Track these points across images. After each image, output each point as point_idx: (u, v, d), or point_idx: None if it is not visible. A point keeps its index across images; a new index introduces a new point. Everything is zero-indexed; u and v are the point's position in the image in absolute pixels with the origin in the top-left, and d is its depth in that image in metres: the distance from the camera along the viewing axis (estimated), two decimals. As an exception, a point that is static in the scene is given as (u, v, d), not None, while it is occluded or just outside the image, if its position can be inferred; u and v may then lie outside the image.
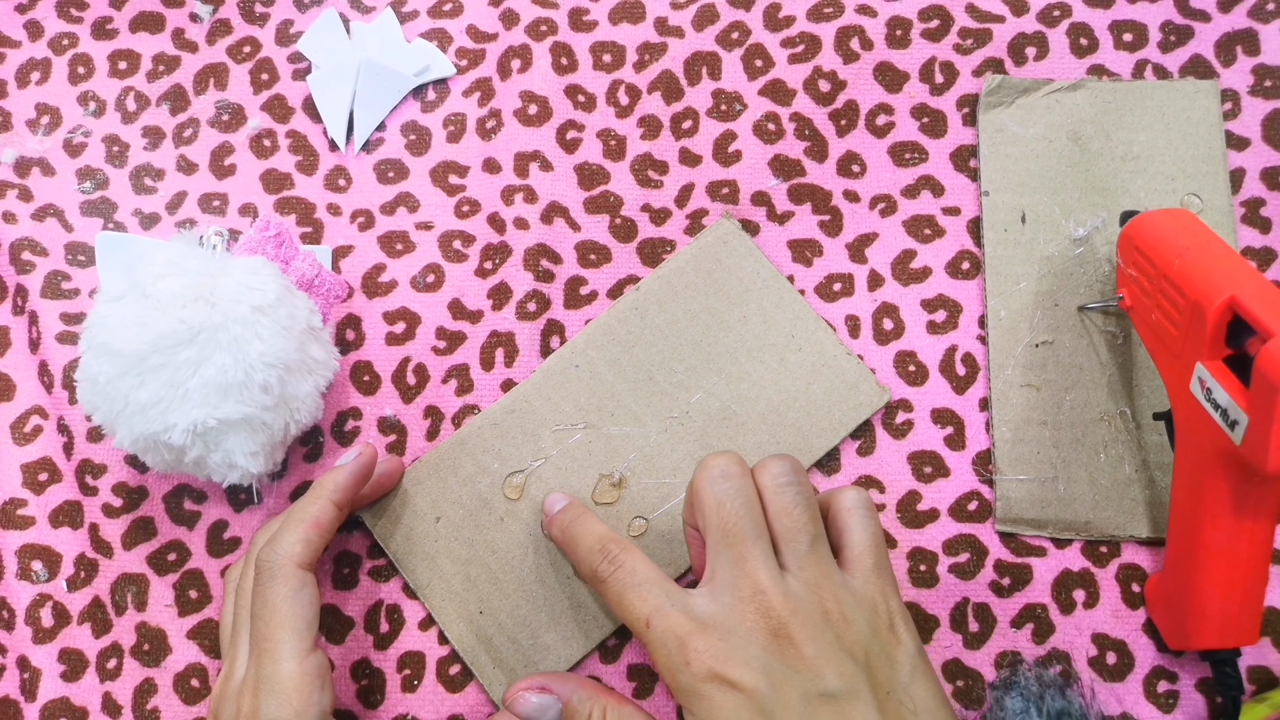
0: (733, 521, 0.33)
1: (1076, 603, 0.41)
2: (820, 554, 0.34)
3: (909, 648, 0.33)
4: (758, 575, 0.33)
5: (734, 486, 0.34)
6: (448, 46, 0.47)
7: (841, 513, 0.35)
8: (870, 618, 0.33)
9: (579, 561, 0.37)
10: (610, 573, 0.35)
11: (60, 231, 0.45)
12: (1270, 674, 0.40)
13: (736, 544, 0.33)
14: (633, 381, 0.42)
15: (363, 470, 0.38)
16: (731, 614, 0.32)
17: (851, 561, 0.34)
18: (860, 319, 0.44)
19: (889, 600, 0.34)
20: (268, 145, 0.46)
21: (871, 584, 0.34)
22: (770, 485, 0.34)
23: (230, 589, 0.39)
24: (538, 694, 0.36)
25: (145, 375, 0.35)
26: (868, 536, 0.35)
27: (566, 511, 0.39)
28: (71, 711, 0.40)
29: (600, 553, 0.36)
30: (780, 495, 0.34)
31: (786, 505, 0.34)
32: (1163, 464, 0.41)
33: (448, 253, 0.45)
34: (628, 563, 0.35)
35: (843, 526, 0.35)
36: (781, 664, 0.31)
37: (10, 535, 0.42)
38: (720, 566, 0.33)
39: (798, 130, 0.46)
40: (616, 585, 0.35)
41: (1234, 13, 0.46)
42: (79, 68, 0.47)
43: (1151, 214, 0.39)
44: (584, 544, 0.37)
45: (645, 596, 0.34)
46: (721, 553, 0.33)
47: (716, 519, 0.34)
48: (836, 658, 0.31)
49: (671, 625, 0.32)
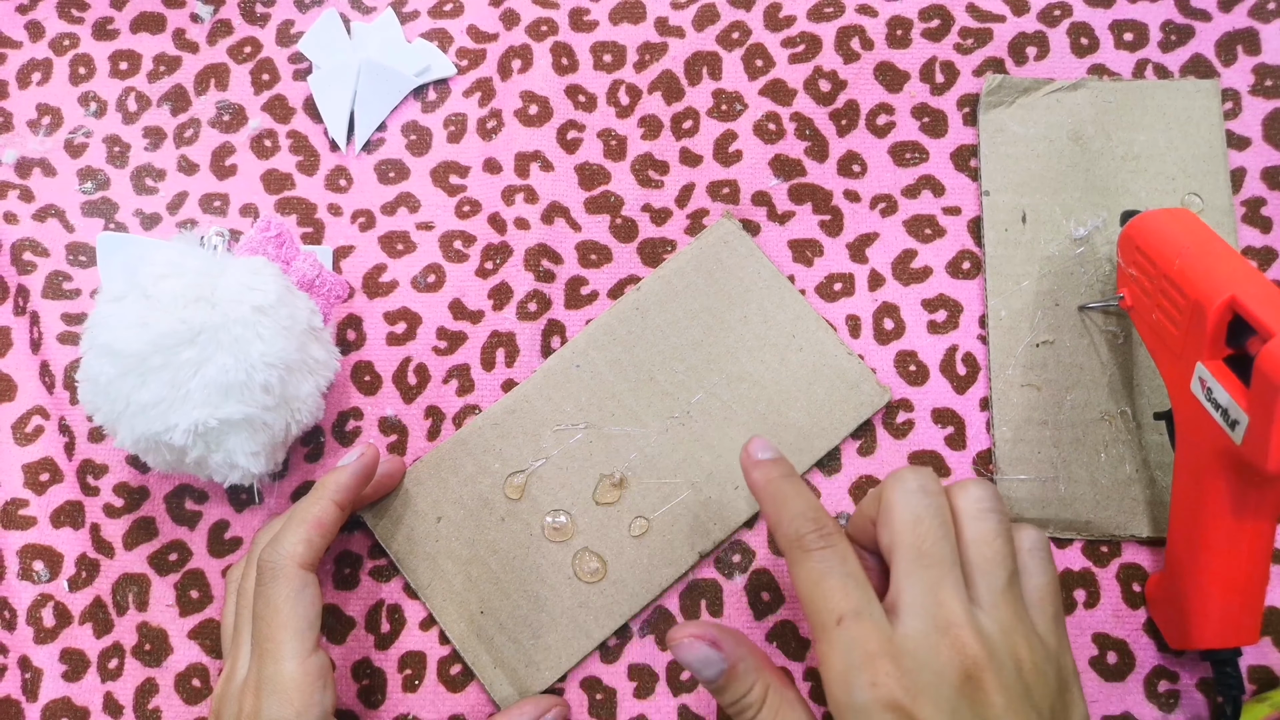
0: (930, 542, 0.31)
1: (1077, 602, 0.41)
2: (1015, 594, 0.31)
3: (1081, 707, 0.31)
4: (952, 605, 0.30)
5: (933, 505, 0.31)
6: (448, 46, 0.47)
7: (1021, 552, 0.32)
8: (1058, 673, 0.31)
9: (784, 521, 0.33)
10: (819, 547, 0.32)
11: (61, 232, 0.45)
12: (1271, 674, 0.40)
13: (933, 566, 0.30)
14: (634, 381, 0.42)
15: (365, 470, 0.38)
16: (925, 644, 0.29)
17: (1032, 606, 0.32)
18: (861, 319, 0.44)
19: (1065, 656, 0.32)
20: (268, 145, 0.46)
21: (1054, 636, 0.31)
22: (971, 509, 0.32)
23: (232, 589, 0.39)
24: (707, 646, 0.33)
25: (146, 375, 0.36)
26: (1048, 582, 0.32)
27: (778, 464, 0.35)
28: (73, 711, 0.40)
29: (814, 522, 0.32)
30: (981, 522, 0.31)
31: (988, 534, 0.31)
32: (1163, 464, 0.41)
33: (448, 253, 0.45)
34: (840, 546, 0.32)
35: (1021, 567, 0.32)
36: (970, 710, 0.29)
37: (12, 535, 0.42)
38: (910, 589, 0.30)
39: (798, 130, 0.46)
40: (821, 564, 0.31)
41: (1235, 12, 0.46)
42: (80, 68, 0.47)
43: (1152, 214, 0.39)
44: (795, 505, 0.33)
45: (849, 591, 0.31)
46: (914, 573, 0.31)
47: (912, 536, 0.31)
48: (1025, 712, 0.29)
49: (865, 635, 0.30)
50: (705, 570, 0.41)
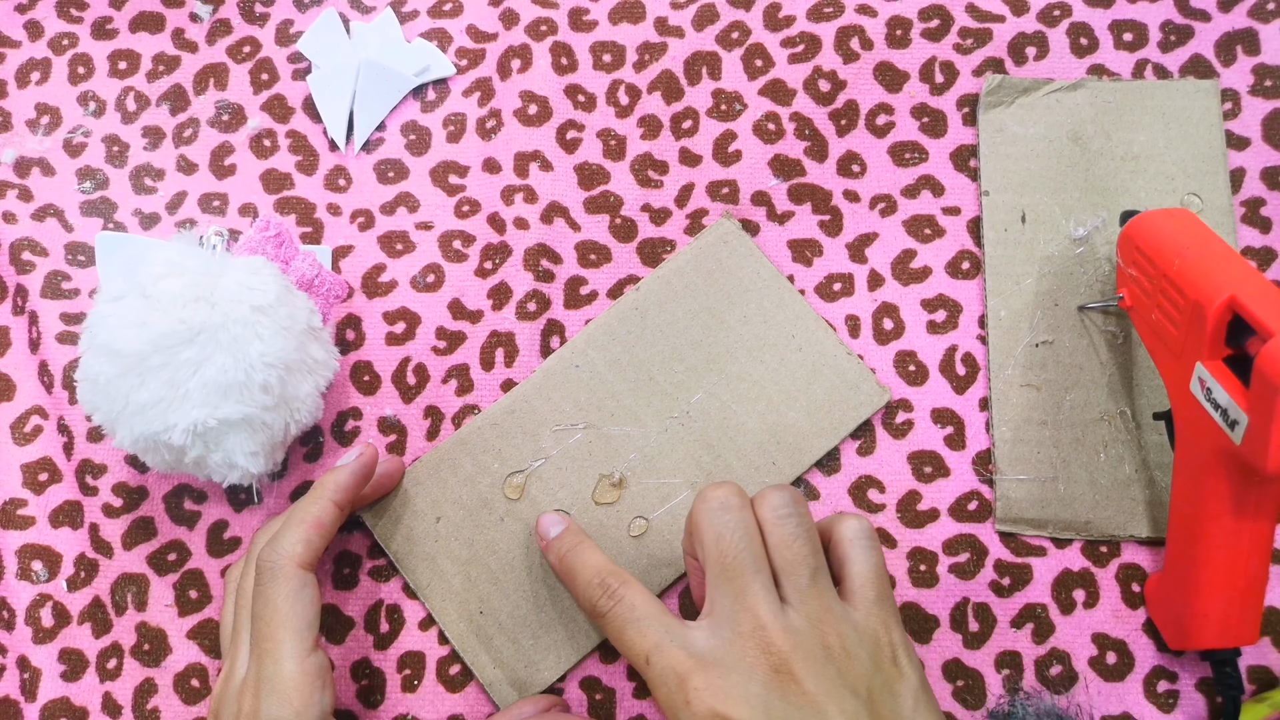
0: (732, 555, 0.33)
1: (1077, 603, 0.41)
2: (821, 587, 0.33)
3: (912, 681, 0.33)
4: (758, 610, 0.32)
5: (734, 519, 0.34)
6: (448, 46, 0.47)
7: (843, 543, 0.35)
8: (873, 651, 0.32)
9: (578, 594, 0.37)
10: (610, 608, 0.35)
11: (60, 231, 0.45)
12: (1270, 674, 0.40)
13: (736, 578, 0.33)
14: (633, 381, 0.42)
15: (364, 470, 0.38)
16: (732, 650, 0.32)
17: (853, 593, 0.34)
18: (860, 319, 0.44)
19: (891, 633, 0.33)
20: (268, 145, 0.46)
21: (874, 616, 0.33)
22: (770, 517, 0.34)
23: (231, 589, 0.39)
24: None
25: (145, 375, 0.35)
26: (870, 568, 0.34)
27: (564, 539, 0.38)
28: (72, 711, 0.40)
29: (599, 586, 0.35)
30: (781, 527, 0.34)
31: (787, 538, 0.33)
32: (1163, 464, 0.41)
33: (448, 253, 0.45)
34: (626, 597, 0.34)
35: (844, 557, 0.34)
36: (783, 701, 0.31)
37: (10, 535, 0.42)
38: (720, 600, 0.33)
39: (798, 130, 0.46)
40: (616, 620, 0.34)
41: (1234, 12, 0.46)
42: (79, 68, 0.47)
43: (1152, 214, 0.39)
44: (582, 576, 0.36)
45: (645, 632, 0.33)
46: (721, 586, 0.33)
47: (716, 552, 0.33)
48: (839, 694, 0.31)
49: (671, 662, 0.32)
50: (705, 570, 0.41)
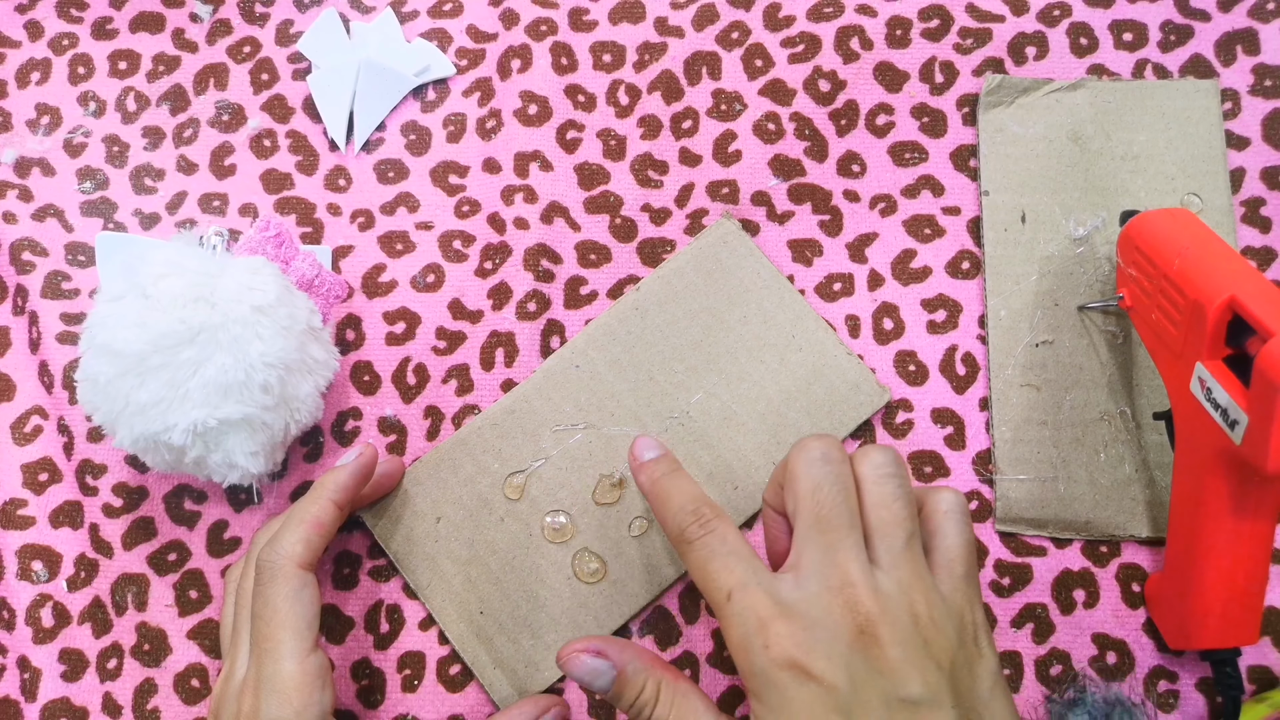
0: (829, 508, 0.32)
1: (1077, 602, 0.41)
2: (915, 553, 0.32)
3: (991, 663, 0.32)
4: (849, 567, 0.31)
5: (833, 472, 0.32)
6: (448, 46, 0.47)
7: (937, 514, 0.33)
8: (959, 627, 0.31)
9: (667, 518, 0.35)
10: (699, 535, 0.33)
11: (60, 231, 0.45)
12: (1270, 674, 0.40)
13: (829, 531, 0.31)
14: (633, 382, 0.42)
15: (363, 470, 0.38)
16: (817, 604, 0.31)
17: (942, 566, 0.33)
18: (860, 319, 0.44)
19: (975, 612, 0.32)
20: (268, 145, 0.46)
21: (961, 592, 0.32)
22: (871, 475, 0.33)
23: (231, 589, 0.39)
24: (593, 657, 0.35)
25: (145, 375, 0.35)
26: (962, 542, 0.33)
27: (660, 463, 0.37)
28: (72, 711, 0.40)
29: (693, 514, 0.34)
30: (881, 486, 0.33)
31: (886, 498, 0.32)
32: (1163, 464, 0.41)
33: (448, 253, 0.45)
34: (719, 529, 0.33)
35: (936, 528, 0.33)
36: (865, 663, 0.30)
37: (10, 535, 0.42)
38: (808, 553, 0.32)
39: (798, 130, 0.46)
40: (703, 550, 0.33)
41: (1234, 12, 0.46)
42: (79, 68, 0.47)
43: (1151, 214, 0.39)
44: (675, 501, 0.35)
45: (732, 568, 0.32)
46: (812, 539, 0.32)
47: (811, 503, 0.32)
48: (922, 663, 0.30)
49: (754, 603, 0.31)
50: (705, 570, 0.41)
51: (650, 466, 0.37)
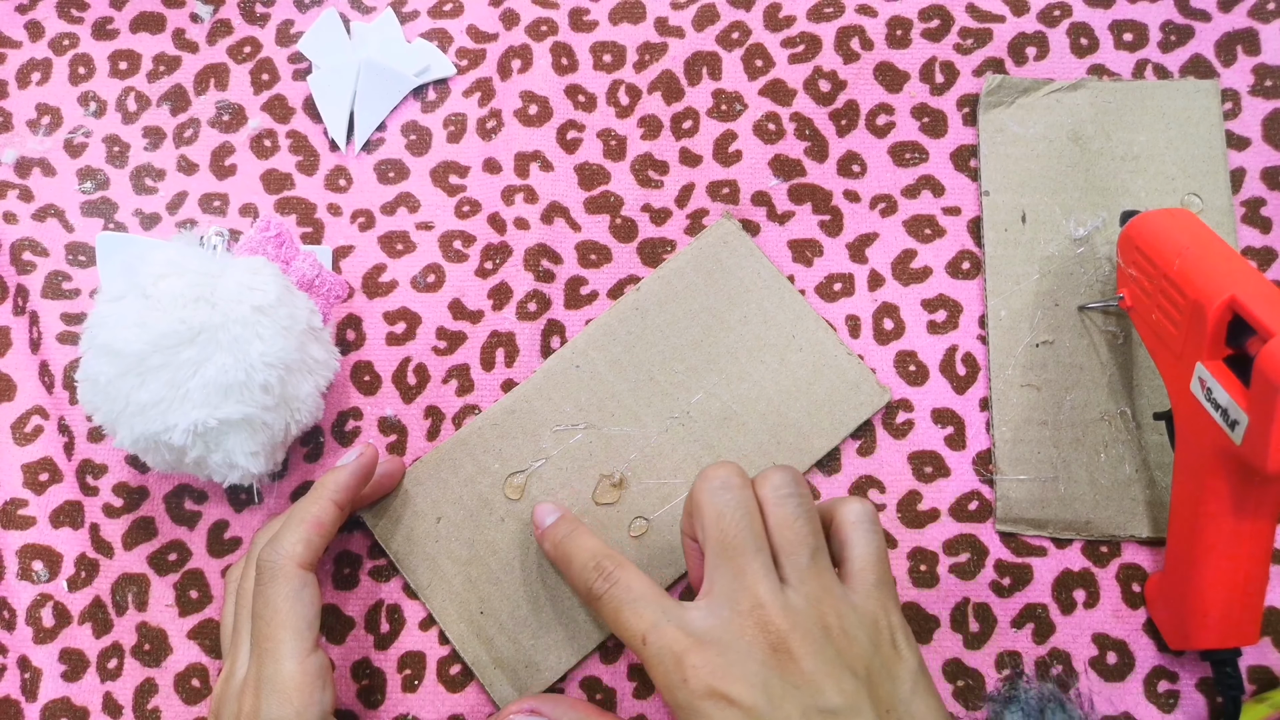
0: (732, 534, 0.33)
1: (1077, 603, 0.41)
2: (821, 567, 0.33)
3: (910, 664, 0.33)
4: (757, 589, 0.32)
5: (734, 498, 0.34)
6: (448, 46, 0.47)
7: (845, 525, 0.35)
8: (872, 633, 0.32)
9: (573, 578, 0.37)
10: (605, 590, 0.35)
11: (61, 232, 0.45)
12: (1270, 674, 0.40)
13: (736, 557, 0.33)
14: (633, 382, 0.42)
15: (364, 470, 0.38)
16: (730, 628, 0.32)
17: (853, 575, 0.34)
18: (860, 319, 0.44)
19: (890, 615, 0.33)
20: (268, 145, 0.46)
21: (873, 599, 0.33)
22: (771, 497, 0.34)
23: (231, 589, 0.39)
24: (527, 716, 0.36)
25: (146, 375, 0.35)
26: (871, 551, 0.34)
27: (559, 526, 0.38)
28: (72, 711, 0.40)
29: (595, 569, 0.35)
30: (781, 507, 0.34)
31: (788, 517, 0.33)
32: (1163, 464, 0.41)
33: (448, 253, 0.45)
34: (623, 579, 0.34)
35: (845, 539, 0.34)
36: (781, 680, 0.31)
37: (11, 535, 0.42)
38: (719, 579, 0.33)
39: (798, 130, 0.46)
40: (612, 602, 0.34)
41: (1234, 12, 0.46)
42: (79, 68, 0.47)
43: (1152, 214, 0.39)
44: (578, 560, 0.36)
45: (641, 613, 0.33)
46: (720, 565, 0.33)
47: (716, 531, 0.33)
48: (837, 673, 0.31)
49: (668, 641, 0.32)
50: (705, 570, 0.41)
51: (551, 531, 0.39)
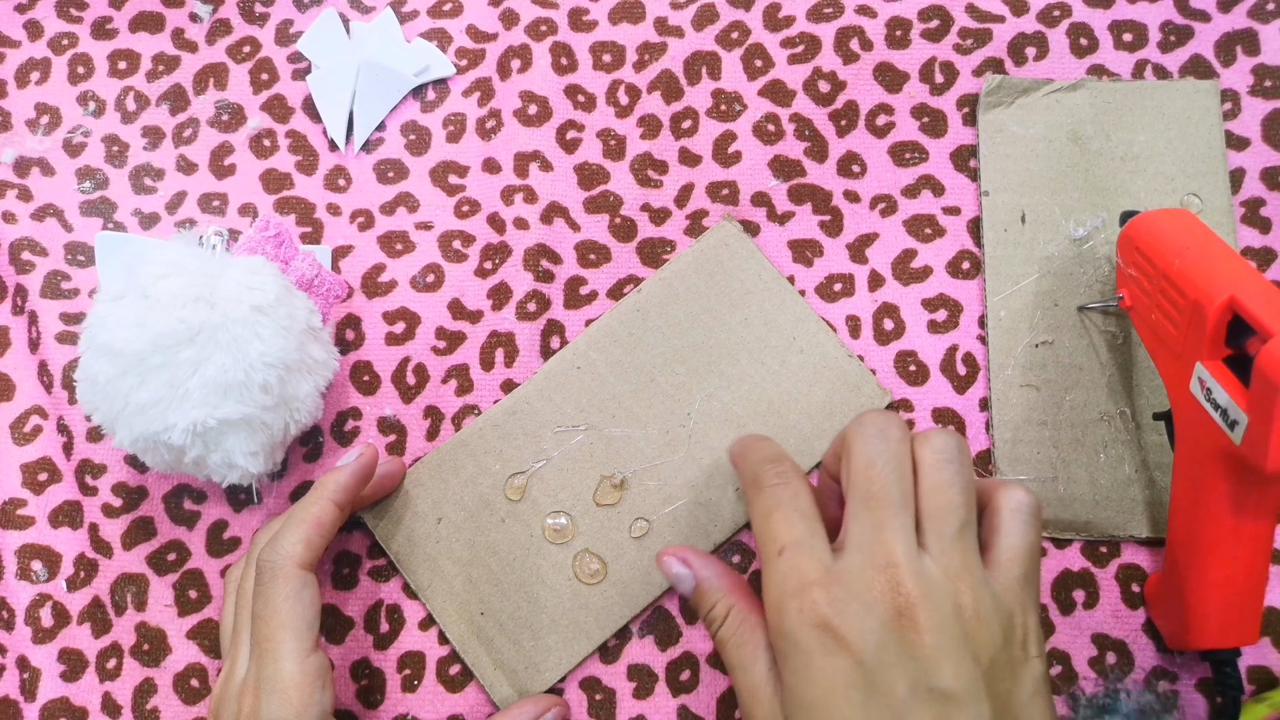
0: (880, 485, 0.31)
1: (1076, 603, 0.41)
2: (967, 543, 0.31)
3: (1037, 669, 0.31)
4: (894, 547, 0.30)
5: (890, 450, 0.32)
6: (448, 46, 0.47)
7: (1003, 510, 0.32)
8: (1006, 626, 0.30)
9: (747, 463, 0.35)
10: (773, 484, 0.33)
11: (60, 231, 0.45)
12: (1270, 674, 0.40)
13: (879, 508, 0.31)
14: (634, 383, 0.42)
15: (364, 470, 0.38)
16: (860, 578, 0.30)
17: (1000, 565, 0.31)
18: (861, 319, 0.44)
19: (1029, 615, 0.31)
20: (267, 145, 0.46)
21: (1015, 592, 0.31)
22: (930, 459, 0.32)
23: (231, 589, 0.39)
24: (679, 564, 0.35)
25: (145, 375, 0.35)
26: (1025, 544, 0.32)
27: (756, 437, 0.37)
28: (71, 711, 0.40)
29: (773, 462, 0.34)
30: (938, 471, 0.32)
31: (942, 483, 0.31)
32: (1163, 464, 0.41)
33: (448, 253, 0.45)
34: (795, 484, 0.33)
35: (999, 526, 0.32)
36: (898, 645, 0.29)
37: (10, 535, 0.42)
38: (855, 528, 0.31)
39: (798, 130, 0.46)
40: (772, 498, 0.33)
41: (1234, 13, 0.46)
42: (79, 67, 0.47)
43: (1151, 214, 0.39)
44: (761, 451, 0.35)
45: (794, 524, 0.32)
46: (860, 514, 0.31)
47: (863, 478, 0.31)
48: (958, 655, 0.29)
49: (802, 564, 0.30)
50: (705, 570, 0.41)
51: (744, 438, 0.37)
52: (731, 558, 0.41)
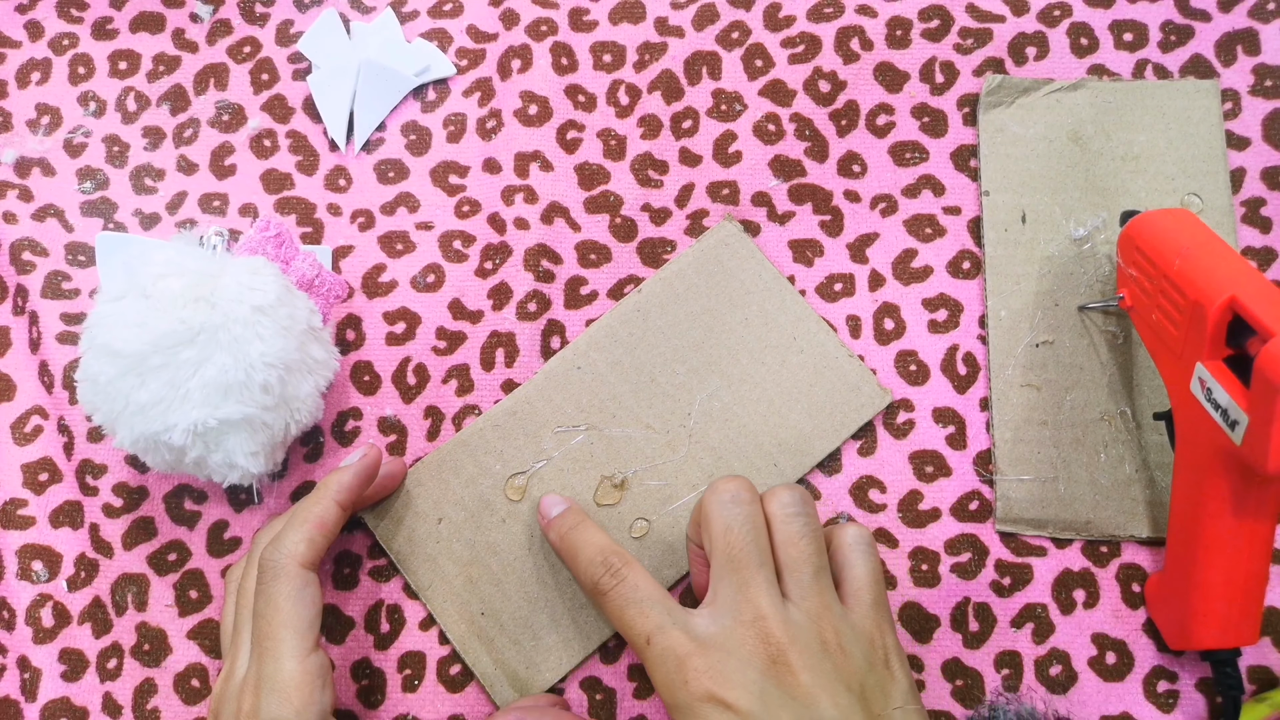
0: (739, 547, 0.34)
1: (1077, 603, 0.41)
2: (823, 586, 0.34)
3: (902, 684, 0.34)
4: (759, 601, 0.33)
5: (743, 513, 0.35)
6: (448, 46, 0.47)
7: (844, 548, 0.36)
8: (867, 651, 0.34)
9: (579, 571, 0.37)
10: (612, 586, 0.35)
11: (60, 232, 0.45)
12: (1270, 674, 0.40)
13: (741, 569, 0.34)
14: (635, 383, 0.42)
15: (367, 471, 0.38)
16: (731, 636, 0.33)
17: (851, 596, 0.35)
18: (861, 319, 0.44)
19: (885, 636, 0.34)
20: (268, 145, 0.46)
21: (869, 619, 0.34)
22: (779, 514, 0.35)
23: (232, 588, 0.39)
24: None
25: (146, 375, 0.35)
26: (868, 572, 0.35)
27: (565, 517, 0.39)
28: (72, 711, 0.40)
29: (602, 565, 0.36)
30: (788, 525, 0.35)
31: (794, 535, 0.35)
32: (1163, 464, 0.41)
33: (448, 253, 0.45)
34: (630, 577, 0.35)
35: (844, 561, 0.36)
36: (778, 690, 0.32)
37: (10, 535, 0.42)
38: (723, 589, 0.34)
39: (798, 130, 0.46)
40: (618, 600, 0.35)
41: (1234, 12, 0.46)
42: (79, 68, 0.47)
43: (1152, 214, 0.39)
44: (585, 554, 0.37)
45: (647, 613, 0.34)
46: (725, 576, 0.34)
47: (723, 543, 0.34)
48: (832, 687, 0.32)
49: (671, 644, 0.33)
50: (705, 570, 0.41)
51: (557, 522, 0.39)
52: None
